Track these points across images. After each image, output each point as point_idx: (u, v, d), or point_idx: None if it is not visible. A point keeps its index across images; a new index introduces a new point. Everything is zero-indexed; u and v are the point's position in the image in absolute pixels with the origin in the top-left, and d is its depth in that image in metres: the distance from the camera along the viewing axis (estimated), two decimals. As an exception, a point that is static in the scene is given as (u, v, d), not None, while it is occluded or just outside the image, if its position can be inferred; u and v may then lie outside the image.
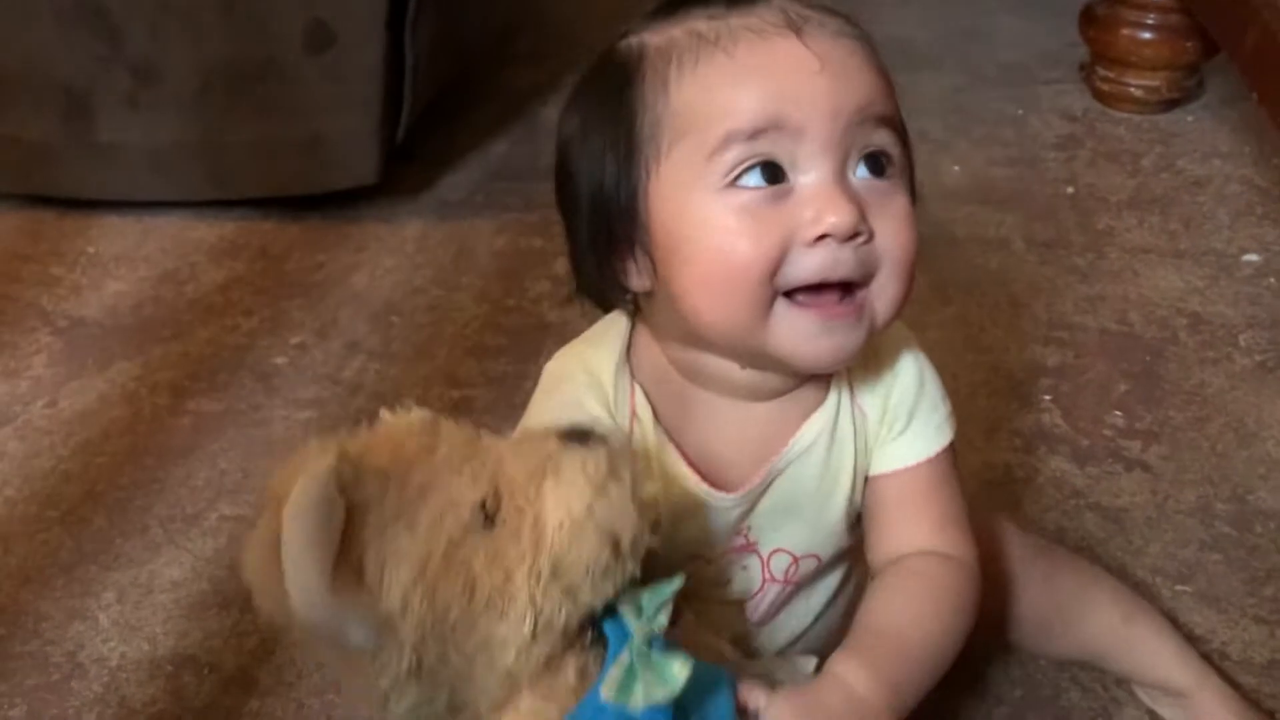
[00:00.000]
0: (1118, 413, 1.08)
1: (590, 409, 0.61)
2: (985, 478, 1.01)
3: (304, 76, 1.34)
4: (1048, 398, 1.10)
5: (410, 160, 1.51)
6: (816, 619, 0.70)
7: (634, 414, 0.62)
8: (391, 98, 1.37)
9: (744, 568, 0.66)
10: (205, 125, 1.37)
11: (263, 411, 1.12)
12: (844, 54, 0.56)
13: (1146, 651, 0.78)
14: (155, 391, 1.15)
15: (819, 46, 0.55)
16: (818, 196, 0.54)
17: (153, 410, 1.13)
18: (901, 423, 0.64)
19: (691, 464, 0.63)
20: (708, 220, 0.55)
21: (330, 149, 1.37)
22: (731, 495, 0.63)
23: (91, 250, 1.38)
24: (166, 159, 1.39)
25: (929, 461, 0.65)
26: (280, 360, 1.19)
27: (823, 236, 0.54)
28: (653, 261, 0.59)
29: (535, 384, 1.16)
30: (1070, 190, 1.44)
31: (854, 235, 0.55)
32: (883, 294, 0.58)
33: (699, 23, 0.57)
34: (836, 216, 0.54)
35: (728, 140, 0.55)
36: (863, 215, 0.55)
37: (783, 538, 0.65)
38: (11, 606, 0.92)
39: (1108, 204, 1.40)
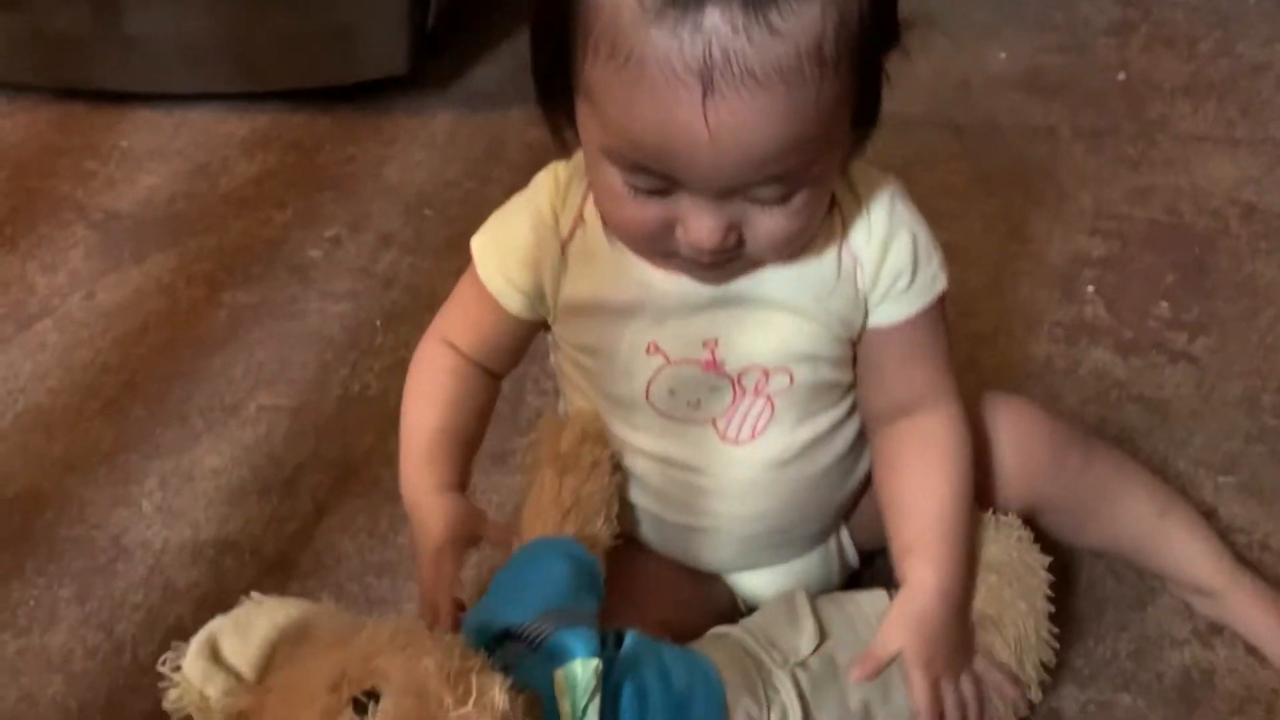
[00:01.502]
0: (1164, 304, 1.05)
1: (541, 206, 0.66)
2: (1025, 370, 0.99)
3: (331, -37, 1.31)
4: (1091, 289, 1.08)
5: (441, 51, 1.48)
6: (800, 455, 0.68)
7: (580, 217, 0.64)
8: (421, -15, 1.34)
9: (713, 388, 0.66)
10: (234, 15, 1.34)
11: (298, 304, 1.12)
12: (750, 116, 0.51)
13: (1179, 548, 0.77)
14: (191, 284, 1.16)
15: (723, 111, 0.51)
16: (689, 216, 0.57)
17: (189, 303, 1.13)
18: (904, 282, 0.64)
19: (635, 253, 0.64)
20: (607, 181, 0.58)
21: (359, 39, 1.35)
22: (670, 274, 0.63)
23: (124, 144, 1.37)
24: (196, 50, 1.37)
25: (924, 313, 0.66)
26: (314, 253, 1.19)
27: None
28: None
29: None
30: (1122, 77, 1.38)
31: (720, 250, 0.58)
32: (765, 261, 0.62)
33: (627, 8, 0.51)
34: (702, 240, 0.57)
35: (618, 154, 0.56)
36: (729, 232, 0.57)
37: (748, 348, 0.64)
38: (57, 493, 0.93)
39: (1161, 91, 1.35)
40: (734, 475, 0.68)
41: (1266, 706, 0.74)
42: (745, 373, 0.65)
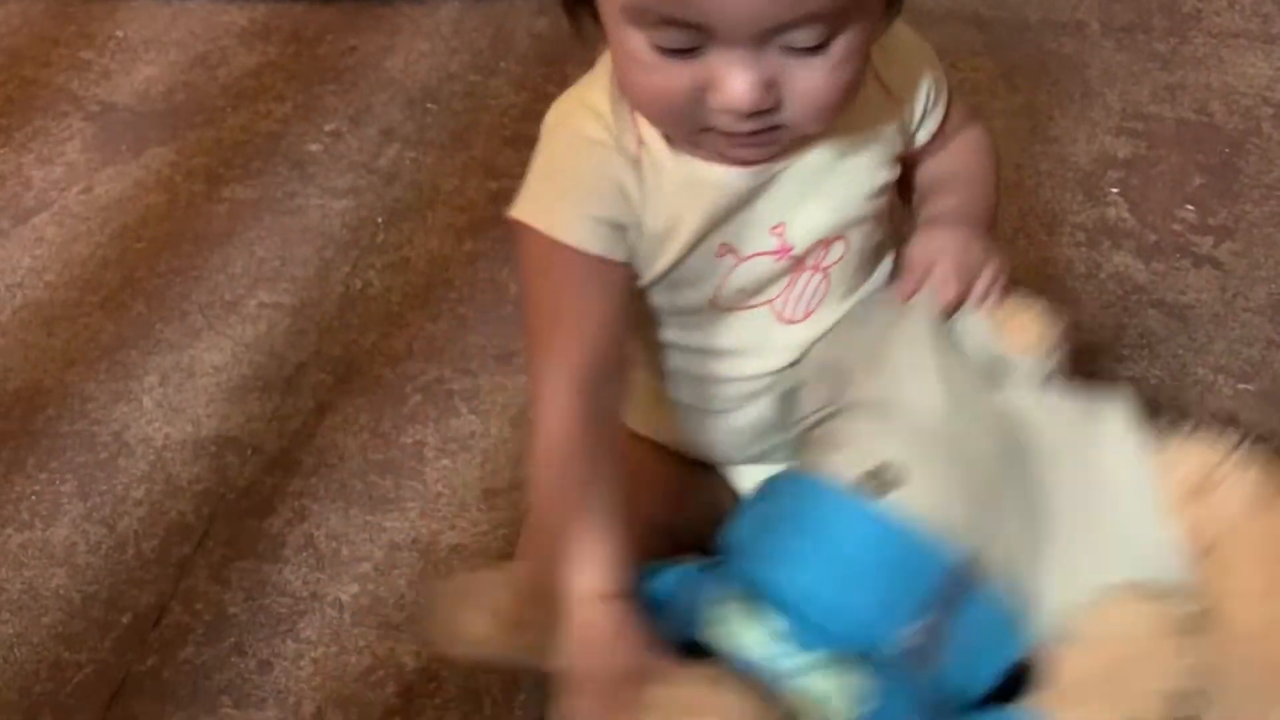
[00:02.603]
0: (1190, 207, 1.02)
1: (594, 135, 0.59)
2: (1044, 273, 0.97)
3: None
4: (1115, 191, 1.04)
5: (446, -63, 1.43)
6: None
7: (640, 140, 0.59)
8: None
9: (780, 273, 0.63)
10: (229, -103, 1.29)
11: (298, 199, 1.09)
12: None
13: None
14: (190, 178, 1.13)
15: None
16: (722, 74, 0.52)
17: (188, 197, 1.11)
18: (933, 96, 0.65)
19: (706, 159, 0.60)
20: (633, 50, 0.53)
21: (360, -77, 1.30)
22: (740, 169, 0.59)
23: (120, 34, 1.33)
24: (191, -65, 1.32)
25: (952, 105, 0.66)
26: (314, 147, 1.16)
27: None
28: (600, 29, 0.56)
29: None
30: (1156, -31, 1.33)
31: (755, 112, 0.53)
32: (805, 128, 0.57)
33: None
34: (737, 98, 0.52)
35: (641, 8, 0.52)
36: (768, 90, 0.53)
37: (812, 222, 0.62)
38: (58, 388, 0.93)
39: (1196, -16, 1.29)
40: (784, 355, 0.65)
41: None
42: (810, 250, 0.63)
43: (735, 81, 0.52)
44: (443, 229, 1.05)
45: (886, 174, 0.63)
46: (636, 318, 0.65)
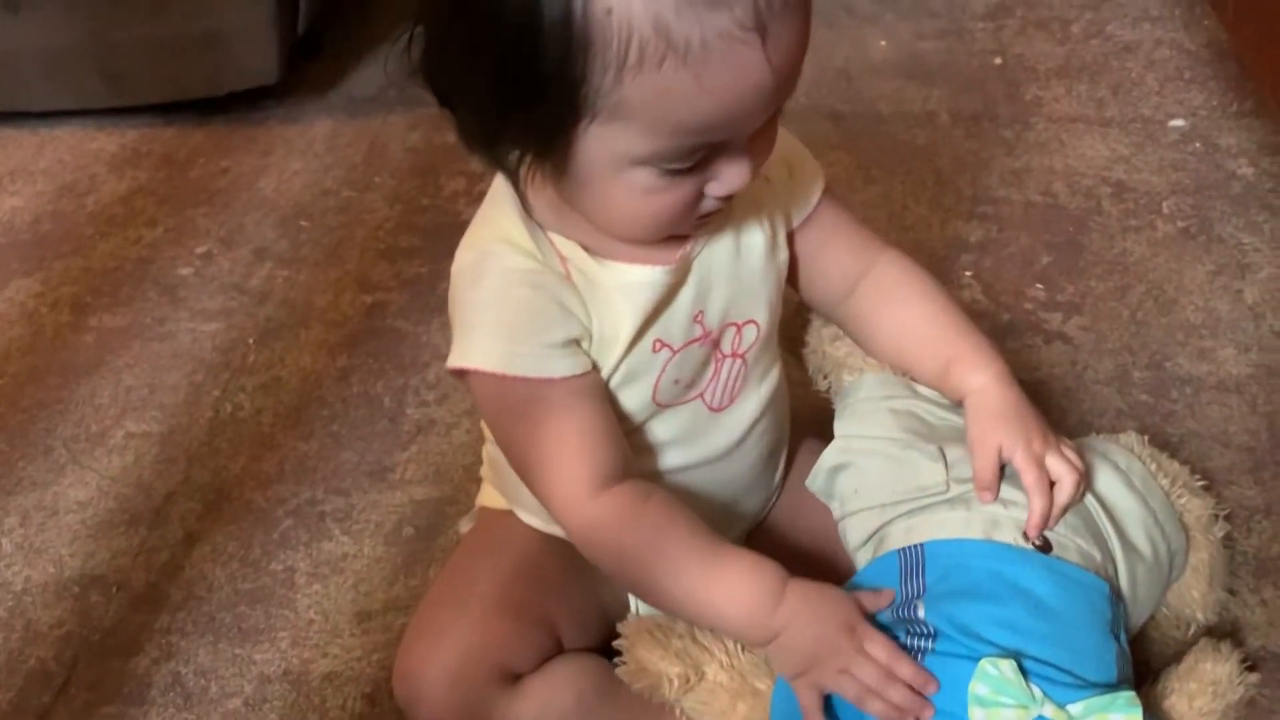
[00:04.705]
0: (1039, 285, 1.07)
1: (522, 265, 0.61)
2: (905, 357, 1.00)
3: (194, -32, 1.27)
4: (969, 274, 1.09)
5: (318, 54, 1.45)
6: (764, 409, 0.70)
7: (562, 258, 0.62)
8: (289, -12, 1.31)
9: (704, 361, 0.67)
10: (94, 23, 1.30)
11: (168, 325, 1.08)
12: (795, 39, 0.54)
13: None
14: (56, 308, 1.11)
15: (779, 48, 0.53)
16: (726, 168, 0.58)
17: (54, 328, 1.09)
18: (798, 172, 0.69)
19: (629, 262, 0.63)
20: (638, 184, 0.57)
21: (228, 46, 1.31)
22: (661, 267, 0.63)
23: (-16, 165, 1.32)
24: (56, 63, 1.32)
25: (825, 191, 0.71)
26: (185, 271, 1.15)
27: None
28: (555, 172, 0.58)
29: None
30: (998, 61, 1.40)
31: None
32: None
33: (665, 7, 0.51)
34: (744, 179, 0.58)
35: (667, 151, 0.56)
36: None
37: (721, 309, 0.66)
38: (-88, 535, 0.89)
39: (1036, 74, 1.37)
40: (718, 441, 0.69)
41: None
42: (723, 333, 0.67)
43: (741, 168, 0.58)
44: (315, 346, 1.05)
45: (782, 254, 0.69)
46: None
